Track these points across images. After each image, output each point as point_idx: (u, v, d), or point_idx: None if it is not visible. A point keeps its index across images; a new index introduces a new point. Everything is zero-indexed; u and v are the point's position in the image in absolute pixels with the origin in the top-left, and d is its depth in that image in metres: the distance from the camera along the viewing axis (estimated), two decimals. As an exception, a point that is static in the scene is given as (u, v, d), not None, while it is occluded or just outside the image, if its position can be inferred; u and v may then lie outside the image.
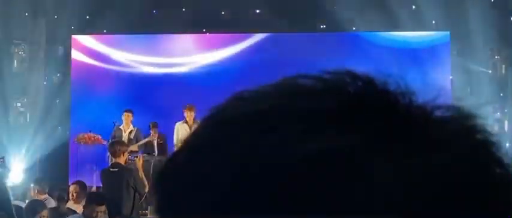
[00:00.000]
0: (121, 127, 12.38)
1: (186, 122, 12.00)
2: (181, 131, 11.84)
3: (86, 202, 7.05)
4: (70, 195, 8.34)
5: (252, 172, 0.47)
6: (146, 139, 12.48)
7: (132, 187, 8.28)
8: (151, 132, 12.50)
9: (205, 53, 13.98)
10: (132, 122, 12.37)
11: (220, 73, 13.68)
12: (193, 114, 11.90)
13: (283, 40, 13.77)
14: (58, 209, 7.78)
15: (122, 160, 8.39)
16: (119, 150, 8.38)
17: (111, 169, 8.43)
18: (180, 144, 0.54)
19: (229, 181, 0.47)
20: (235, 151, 0.48)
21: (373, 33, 13.38)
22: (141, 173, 8.63)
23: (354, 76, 0.53)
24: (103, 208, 6.84)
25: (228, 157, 0.48)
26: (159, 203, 0.52)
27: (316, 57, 13.55)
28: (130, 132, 12.26)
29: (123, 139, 11.39)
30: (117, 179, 8.23)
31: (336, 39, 13.68)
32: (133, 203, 8.37)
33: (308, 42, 13.72)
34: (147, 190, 8.80)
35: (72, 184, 8.70)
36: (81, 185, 8.52)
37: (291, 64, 13.53)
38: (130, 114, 12.34)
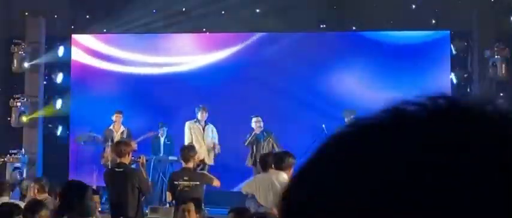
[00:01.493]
0: (111, 127, 12.42)
1: (199, 121, 12.08)
2: (196, 131, 11.99)
3: None
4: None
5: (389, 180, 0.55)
6: (145, 136, 12.49)
7: (137, 188, 8.29)
8: (160, 131, 12.55)
9: (205, 53, 13.97)
10: (122, 123, 12.46)
11: (220, 73, 13.68)
12: (205, 114, 12.03)
13: (283, 40, 13.76)
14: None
15: (126, 160, 8.43)
16: (124, 150, 8.40)
17: (117, 169, 8.43)
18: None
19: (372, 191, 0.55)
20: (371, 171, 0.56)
21: (374, 32, 13.37)
22: (145, 173, 8.67)
23: (452, 102, 0.59)
24: (97, 198, 6.83)
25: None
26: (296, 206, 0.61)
27: (316, 57, 13.56)
28: (122, 133, 12.31)
29: (115, 139, 11.43)
30: (123, 180, 8.25)
31: (336, 38, 13.67)
32: (138, 204, 8.38)
33: (308, 42, 13.71)
34: (151, 190, 8.82)
35: None
36: None
37: (291, 64, 13.54)
38: (120, 115, 12.42)
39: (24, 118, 13.85)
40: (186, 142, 11.52)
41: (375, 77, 13.25)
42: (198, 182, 8.46)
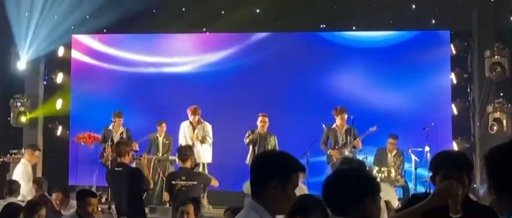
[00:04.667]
0: (110, 127, 12.43)
1: (191, 123, 12.06)
2: (187, 131, 11.99)
3: (77, 197, 6.93)
4: (54, 203, 8.27)
5: None
6: (146, 137, 12.53)
7: (138, 186, 8.33)
8: (158, 128, 12.54)
9: (205, 53, 13.97)
10: (122, 123, 12.46)
11: (220, 73, 13.68)
12: (197, 116, 11.99)
13: (283, 40, 13.76)
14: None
15: (127, 159, 8.53)
16: (124, 149, 8.47)
17: (116, 169, 8.49)
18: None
19: None
20: None
21: (374, 32, 13.37)
22: (146, 172, 8.74)
23: None
24: (95, 200, 6.78)
25: None
26: None
27: (316, 57, 13.57)
28: (121, 133, 12.33)
29: (114, 139, 11.47)
30: (123, 179, 8.32)
31: (336, 38, 13.67)
32: (139, 202, 8.41)
33: (308, 42, 13.72)
34: (151, 187, 8.84)
35: (55, 191, 8.60)
36: (64, 192, 8.48)
37: (291, 64, 13.54)
38: (121, 119, 12.42)
39: (23, 119, 13.85)
40: (180, 143, 11.55)
41: (375, 77, 13.24)
42: (195, 182, 8.49)
